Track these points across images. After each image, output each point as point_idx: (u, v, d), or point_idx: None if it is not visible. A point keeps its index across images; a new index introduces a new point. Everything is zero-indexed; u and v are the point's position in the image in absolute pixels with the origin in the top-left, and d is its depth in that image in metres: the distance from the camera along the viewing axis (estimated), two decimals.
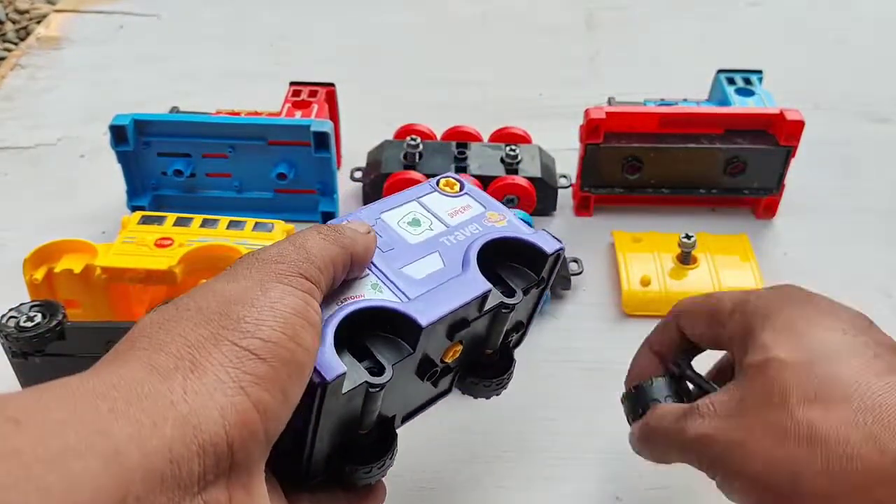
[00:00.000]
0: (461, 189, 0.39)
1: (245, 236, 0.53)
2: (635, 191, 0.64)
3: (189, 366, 0.25)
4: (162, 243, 0.51)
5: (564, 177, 0.66)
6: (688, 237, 0.57)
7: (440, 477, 0.46)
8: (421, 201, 0.38)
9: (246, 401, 0.25)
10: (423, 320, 0.32)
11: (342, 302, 0.32)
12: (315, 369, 0.28)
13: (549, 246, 0.37)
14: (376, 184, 0.64)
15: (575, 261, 0.59)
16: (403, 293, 0.33)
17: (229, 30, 0.93)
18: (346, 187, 0.67)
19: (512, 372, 0.40)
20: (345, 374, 0.29)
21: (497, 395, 0.40)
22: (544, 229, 0.38)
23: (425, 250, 0.35)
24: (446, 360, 0.35)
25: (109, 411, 0.22)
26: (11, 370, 0.45)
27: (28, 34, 1.01)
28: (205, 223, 0.53)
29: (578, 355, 0.54)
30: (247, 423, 0.25)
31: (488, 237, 0.36)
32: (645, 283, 0.57)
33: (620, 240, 0.61)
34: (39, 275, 0.48)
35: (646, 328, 0.56)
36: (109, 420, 0.22)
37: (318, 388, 0.28)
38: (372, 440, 0.34)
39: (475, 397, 0.40)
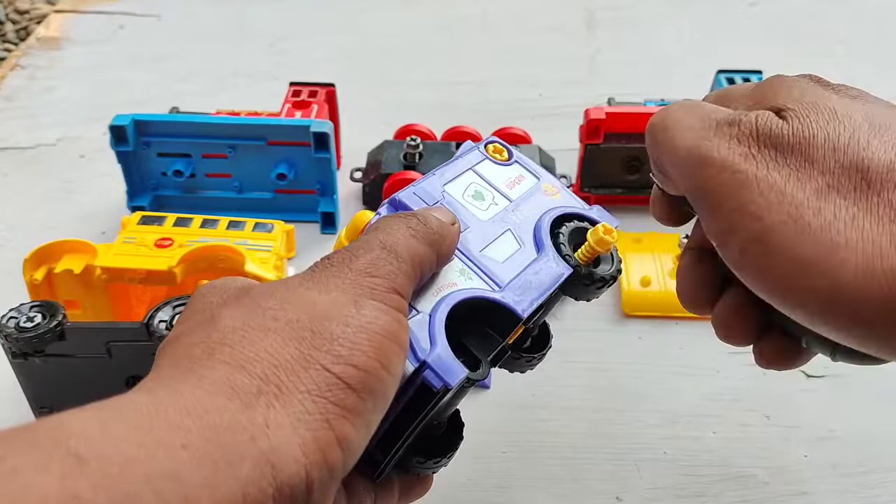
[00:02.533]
0: (510, 156, 0.37)
1: (245, 237, 0.53)
2: (635, 191, 0.64)
3: (274, 391, 0.23)
4: (162, 244, 0.51)
5: (564, 177, 0.66)
6: (688, 238, 0.57)
7: (440, 477, 0.46)
8: (476, 171, 0.36)
9: (330, 436, 0.23)
10: (522, 311, 0.31)
11: (438, 292, 0.30)
12: (430, 367, 0.27)
13: (608, 221, 0.36)
14: (376, 184, 0.64)
15: None
16: (493, 280, 0.32)
17: (229, 30, 0.93)
18: (346, 187, 0.67)
19: (551, 345, 0.39)
20: (467, 376, 0.28)
21: (532, 369, 0.39)
22: (599, 205, 0.38)
23: (498, 229, 0.34)
24: (509, 343, 0.34)
25: (183, 448, 0.20)
26: (11, 370, 0.45)
27: (28, 34, 1.01)
28: (205, 223, 0.54)
29: (578, 355, 0.54)
30: (328, 461, 0.23)
31: (553, 214, 0.35)
32: (645, 283, 0.57)
33: (620, 240, 0.61)
34: (39, 275, 0.48)
35: (646, 328, 0.56)
36: (182, 460, 0.20)
37: (437, 392, 0.27)
38: (442, 431, 0.33)
39: (511, 371, 0.38)
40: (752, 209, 0.25)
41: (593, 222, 0.36)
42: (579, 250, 0.34)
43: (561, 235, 0.34)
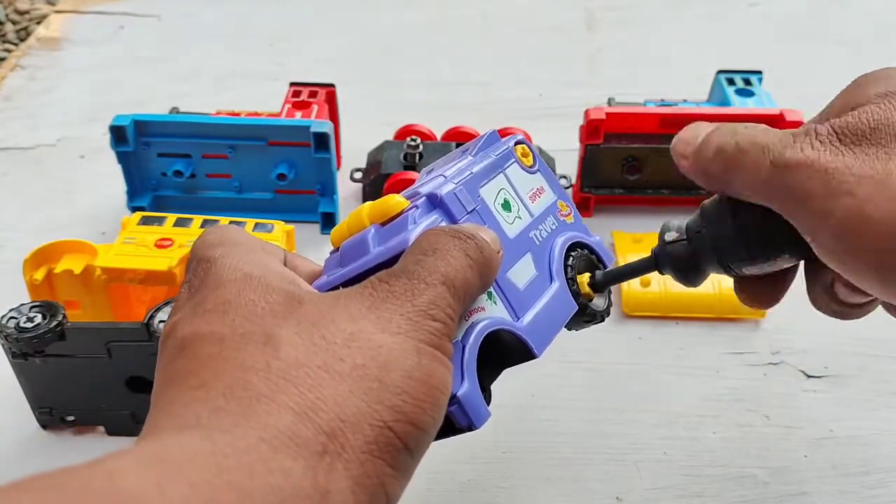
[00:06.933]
0: (534, 163, 0.36)
1: None
2: (635, 191, 0.64)
3: (338, 450, 0.22)
4: (162, 244, 0.51)
5: (564, 177, 0.66)
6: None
7: (440, 477, 0.46)
8: (506, 174, 0.34)
9: (383, 500, 0.23)
10: (538, 350, 0.31)
11: (468, 315, 0.29)
12: (459, 404, 0.27)
13: (608, 259, 0.36)
14: (376, 184, 0.64)
15: None
16: (513, 309, 0.31)
17: (229, 30, 0.93)
18: (346, 188, 0.67)
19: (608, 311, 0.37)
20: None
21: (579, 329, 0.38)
22: (600, 238, 0.37)
23: (521, 249, 0.33)
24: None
25: None
26: (11, 370, 0.45)
27: (28, 35, 1.01)
28: (205, 224, 0.53)
29: (578, 355, 0.54)
30: None
31: (566, 241, 0.34)
32: (645, 283, 0.57)
33: (620, 240, 0.61)
34: (39, 275, 0.48)
35: (646, 328, 0.56)
36: None
37: (460, 429, 0.27)
38: None
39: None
40: (844, 188, 0.26)
41: (596, 254, 0.36)
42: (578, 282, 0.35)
43: (570, 269, 0.34)
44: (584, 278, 0.35)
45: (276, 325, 0.24)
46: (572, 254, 0.35)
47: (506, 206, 0.33)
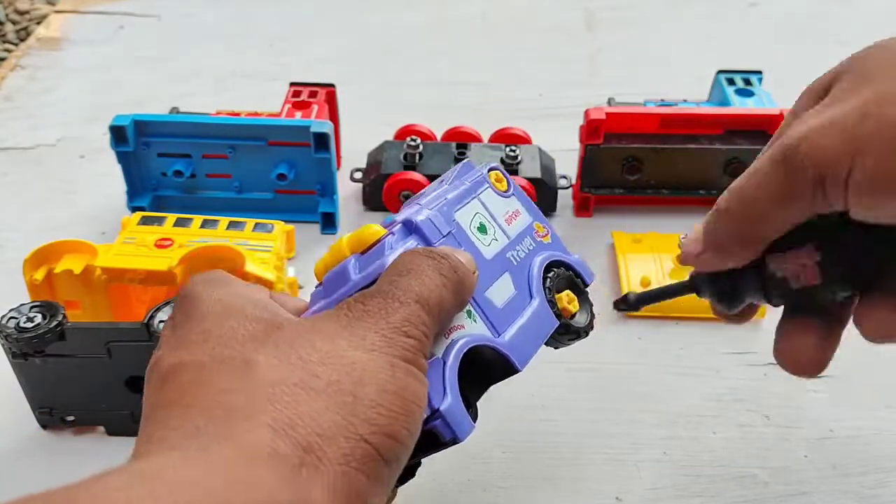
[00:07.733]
0: (509, 187, 0.37)
1: (245, 237, 0.53)
2: (635, 191, 0.64)
3: (314, 462, 0.23)
4: (162, 244, 0.51)
5: (564, 177, 0.66)
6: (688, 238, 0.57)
7: (440, 477, 0.46)
8: (481, 199, 0.35)
9: None
10: (520, 364, 0.31)
11: (448, 333, 0.30)
12: (443, 418, 0.27)
13: (588, 277, 0.37)
14: (376, 184, 0.64)
15: None
16: (493, 326, 0.32)
17: (229, 30, 0.93)
18: (346, 188, 0.67)
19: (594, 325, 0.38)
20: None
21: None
22: (579, 257, 0.38)
23: (498, 269, 0.34)
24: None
25: None
26: (11, 370, 0.45)
27: (28, 35, 1.01)
28: (205, 224, 0.53)
29: (578, 355, 0.53)
30: None
31: (543, 260, 0.36)
32: (645, 283, 0.56)
33: (620, 240, 0.61)
34: (39, 275, 0.48)
35: (646, 328, 0.56)
36: None
37: (445, 443, 0.28)
38: None
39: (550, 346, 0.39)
40: (862, 118, 0.28)
41: (576, 272, 0.37)
42: (557, 301, 0.35)
43: (549, 281, 0.35)
44: (564, 296, 0.36)
45: (255, 350, 0.25)
46: (553, 270, 0.36)
47: (482, 228, 0.34)
